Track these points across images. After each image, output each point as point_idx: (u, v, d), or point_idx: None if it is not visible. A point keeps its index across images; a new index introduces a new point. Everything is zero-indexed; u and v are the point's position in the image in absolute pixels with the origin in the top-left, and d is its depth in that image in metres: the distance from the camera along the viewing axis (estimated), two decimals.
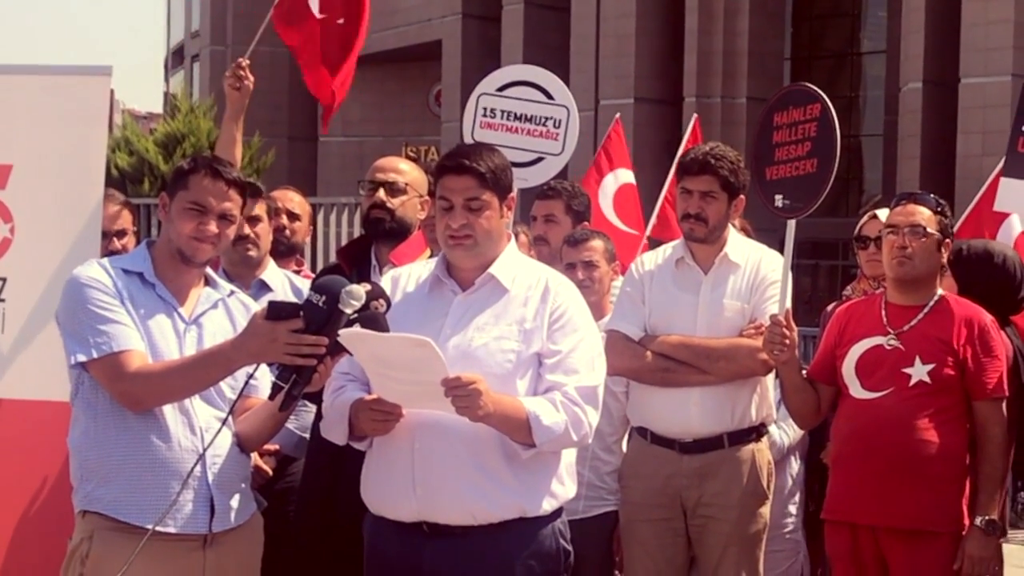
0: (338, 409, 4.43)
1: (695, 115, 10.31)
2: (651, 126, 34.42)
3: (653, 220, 9.81)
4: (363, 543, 4.63)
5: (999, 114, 26.20)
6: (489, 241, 4.48)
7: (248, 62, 6.27)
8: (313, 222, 6.78)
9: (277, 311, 4.10)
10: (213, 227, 4.41)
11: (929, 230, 5.50)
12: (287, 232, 6.48)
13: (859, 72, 39.03)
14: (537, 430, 4.27)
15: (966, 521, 5.40)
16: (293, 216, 6.50)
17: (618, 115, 10.76)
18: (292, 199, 6.54)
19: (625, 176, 10.18)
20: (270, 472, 5.46)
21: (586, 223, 6.83)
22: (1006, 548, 6.65)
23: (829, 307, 6.61)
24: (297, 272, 6.44)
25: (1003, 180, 6.17)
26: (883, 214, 6.47)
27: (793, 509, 6.87)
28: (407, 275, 4.65)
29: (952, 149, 29.61)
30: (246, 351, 4.16)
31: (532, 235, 6.85)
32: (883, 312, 5.57)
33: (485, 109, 7.82)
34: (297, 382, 4.09)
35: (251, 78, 6.28)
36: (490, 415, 4.17)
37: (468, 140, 7.24)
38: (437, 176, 4.53)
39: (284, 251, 6.32)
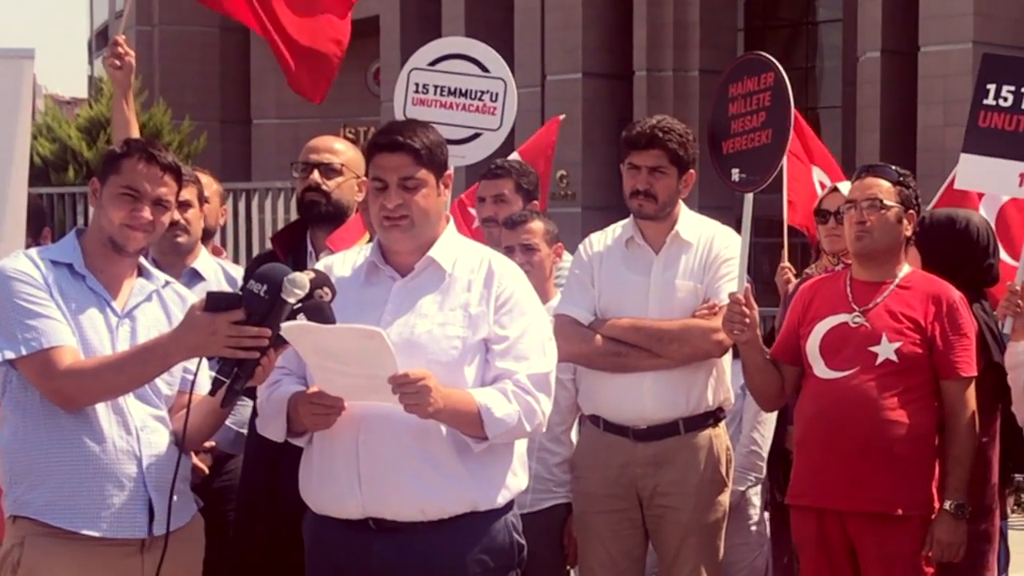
0: (275, 404, 4.33)
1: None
2: (601, 101, 34.38)
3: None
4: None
5: (960, 83, 26.21)
6: (426, 221, 4.36)
7: (125, 37, 6.10)
8: (223, 201, 6.54)
9: (216, 302, 4.05)
10: (147, 213, 4.30)
11: (887, 202, 5.46)
12: None
13: (815, 42, 39.07)
14: (489, 423, 4.20)
15: (935, 504, 5.36)
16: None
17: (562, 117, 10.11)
18: (196, 178, 6.27)
19: None
20: (207, 470, 5.39)
21: (535, 202, 6.70)
22: (1013, 535, 6.61)
23: (791, 285, 6.51)
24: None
25: (964, 156, 6.09)
26: (845, 187, 6.43)
27: (757, 500, 6.82)
28: (340, 262, 4.54)
29: (913, 120, 29.71)
30: (184, 345, 4.11)
31: (480, 217, 6.70)
32: (848, 289, 5.52)
33: (417, 85, 7.80)
34: (239, 376, 4.04)
35: (132, 54, 6.18)
36: (440, 411, 4.10)
37: (400, 118, 7.15)
38: (369, 155, 4.45)
39: None
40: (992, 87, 5.97)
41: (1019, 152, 5.89)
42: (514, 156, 8.51)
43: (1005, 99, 5.92)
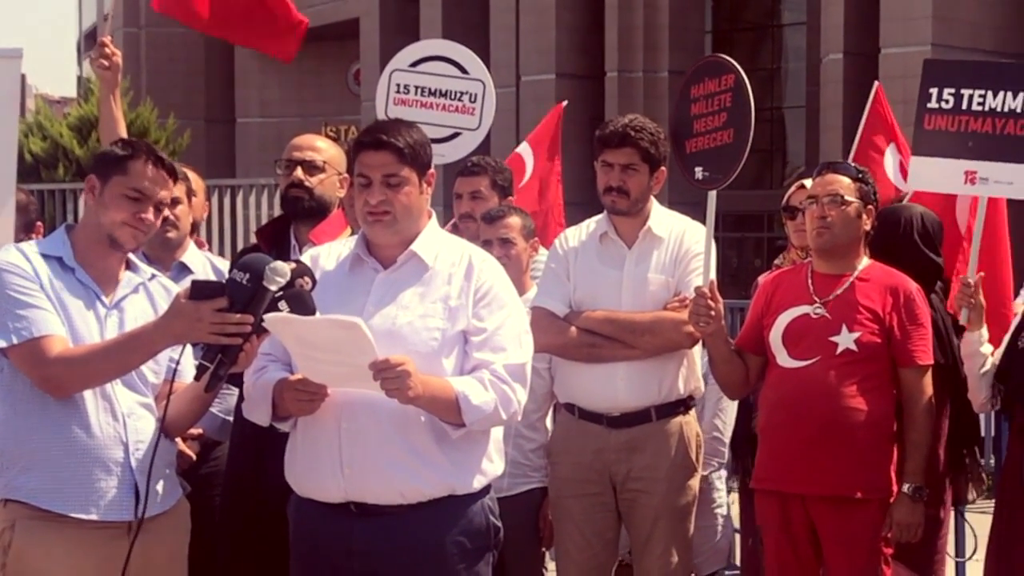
0: (261, 390, 4.39)
1: (876, 83, 8.98)
2: (574, 101, 34.23)
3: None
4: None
5: (919, 84, 26.27)
6: (408, 217, 4.43)
7: (110, 37, 6.18)
8: (208, 196, 6.61)
9: (200, 290, 4.09)
10: (150, 215, 4.37)
11: (847, 198, 5.54)
12: None
13: (780, 44, 39.05)
14: (466, 410, 4.26)
15: (894, 488, 5.45)
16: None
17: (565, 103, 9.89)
18: (186, 175, 6.38)
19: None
20: (194, 456, 5.43)
21: (510, 198, 6.79)
22: (976, 519, 6.73)
23: (760, 278, 6.63)
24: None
25: (914, 159, 6.21)
26: (811, 183, 6.51)
27: (720, 484, 6.89)
28: (326, 253, 4.59)
29: None
30: (170, 332, 4.15)
31: (457, 213, 6.80)
32: (809, 281, 5.59)
33: (398, 85, 7.85)
34: (223, 362, 4.08)
35: (118, 54, 6.22)
36: (419, 397, 4.15)
37: (382, 117, 7.20)
38: (355, 153, 4.49)
39: None
40: (934, 91, 6.02)
41: (964, 151, 5.93)
42: (524, 145, 8.63)
43: (947, 101, 5.97)
